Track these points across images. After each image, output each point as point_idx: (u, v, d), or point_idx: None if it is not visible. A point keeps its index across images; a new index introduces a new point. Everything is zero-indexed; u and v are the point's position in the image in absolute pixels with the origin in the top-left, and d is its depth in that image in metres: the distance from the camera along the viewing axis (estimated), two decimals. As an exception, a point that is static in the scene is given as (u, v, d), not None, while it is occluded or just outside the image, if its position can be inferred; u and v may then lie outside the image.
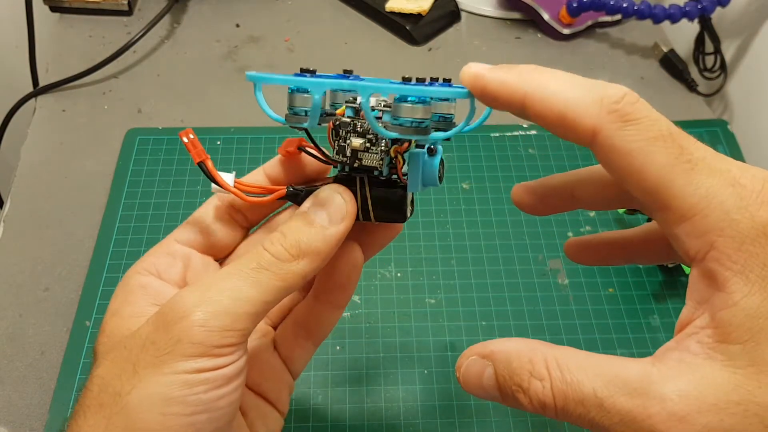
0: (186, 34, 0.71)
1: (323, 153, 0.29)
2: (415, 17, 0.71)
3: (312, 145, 0.29)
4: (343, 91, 0.28)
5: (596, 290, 0.51)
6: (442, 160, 0.28)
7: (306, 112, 0.27)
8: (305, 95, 0.27)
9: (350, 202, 0.27)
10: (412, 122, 0.25)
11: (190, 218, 0.31)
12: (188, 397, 0.24)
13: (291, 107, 0.27)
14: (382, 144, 0.27)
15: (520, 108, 0.23)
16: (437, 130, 0.26)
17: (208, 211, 0.31)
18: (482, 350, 0.24)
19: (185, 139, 0.27)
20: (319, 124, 0.27)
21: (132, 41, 0.66)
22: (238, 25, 0.72)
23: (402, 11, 0.71)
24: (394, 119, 0.25)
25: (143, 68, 0.67)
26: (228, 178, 0.28)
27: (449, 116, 0.27)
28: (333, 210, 0.27)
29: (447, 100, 0.26)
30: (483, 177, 0.58)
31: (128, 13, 0.72)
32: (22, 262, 0.52)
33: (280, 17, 0.73)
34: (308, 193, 0.28)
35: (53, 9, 0.71)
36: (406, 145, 0.27)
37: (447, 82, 0.27)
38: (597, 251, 0.32)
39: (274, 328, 0.33)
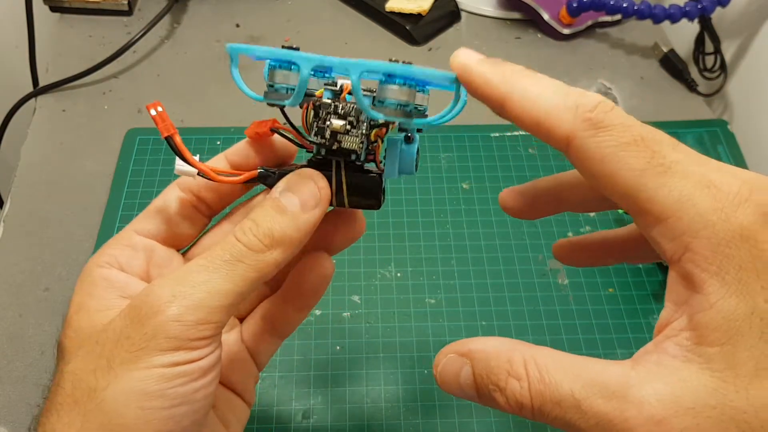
0: (186, 34, 0.71)
1: (299, 135, 0.28)
2: (415, 17, 0.71)
3: (286, 126, 0.28)
4: (331, 68, 0.27)
5: (596, 290, 0.51)
6: (418, 149, 0.28)
7: (287, 89, 0.26)
8: (287, 72, 0.26)
9: (324, 188, 0.27)
10: (397, 104, 0.25)
11: (149, 208, 0.30)
12: (166, 391, 0.24)
13: (271, 84, 0.26)
14: (363, 127, 0.26)
15: (499, 107, 0.23)
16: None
17: (168, 200, 0.30)
18: (460, 348, 0.24)
19: (153, 112, 0.26)
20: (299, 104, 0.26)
21: (132, 41, 0.66)
22: (238, 25, 0.72)
23: (402, 11, 0.71)
24: (380, 101, 0.25)
25: (143, 68, 0.67)
26: (190, 170, 0.27)
27: (422, 107, 0.26)
28: (306, 196, 0.26)
29: (423, 91, 0.26)
30: (483, 177, 0.58)
31: (128, 13, 0.72)
32: (22, 262, 0.52)
33: (280, 17, 0.73)
34: (281, 176, 0.27)
35: (53, 9, 0.71)
36: (385, 130, 0.27)
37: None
38: (585, 252, 0.32)
39: (240, 320, 0.33)
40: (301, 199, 0.26)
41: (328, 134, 0.26)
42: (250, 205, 0.31)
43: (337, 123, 0.26)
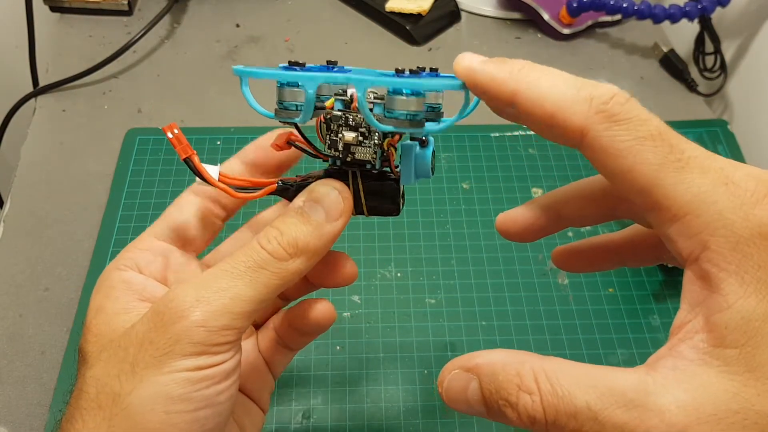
0: (186, 34, 0.71)
1: (314, 147, 0.28)
2: (415, 17, 0.71)
3: (302, 139, 0.29)
4: (335, 84, 0.27)
5: (596, 290, 0.51)
6: (434, 152, 0.28)
7: (297, 106, 0.26)
8: (295, 89, 0.26)
9: (348, 198, 0.27)
10: (406, 115, 0.24)
11: (167, 213, 0.30)
12: (191, 394, 0.24)
13: (280, 101, 0.26)
14: (375, 137, 0.26)
15: (509, 104, 0.23)
16: (427, 120, 0.26)
17: (185, 205, 0.30)
18: (466, 363, 0.23)
19: (170, 135, 0.27)
20: (317, 116, 0.26)
21: (132, 41, 0.66)
22: (238, 25, 0.72)
23: (402, 11, 0.71)
24: (388, 112, 0.25)
25: (143, 68, 0.67)
26: (212, 170, 0.28)
27: (437, 106, 0.26)
28: (330, 206, 0.26)
29: (437, 90, 0.26)
30: (483, 177, 0.58)
31: (128, 13, 0.72)
32: (22, 262, 0.52)
33: (280, 17, 0.73)
34: (299, 188, 0.28)
35: (53, 9, 0.71)
36: (398, 137, 0.27)
37: (434, 71, 0.27)
38: (584, 257, 0.31)
39: (256, 327, 0.34)
40: (326, 209, 0.26)
41: (341, 146, 0.26)
42: (263, 215, 0.32)
43: (349, 135, 0.26)
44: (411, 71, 0.25)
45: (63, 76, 0.64)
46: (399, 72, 0.25)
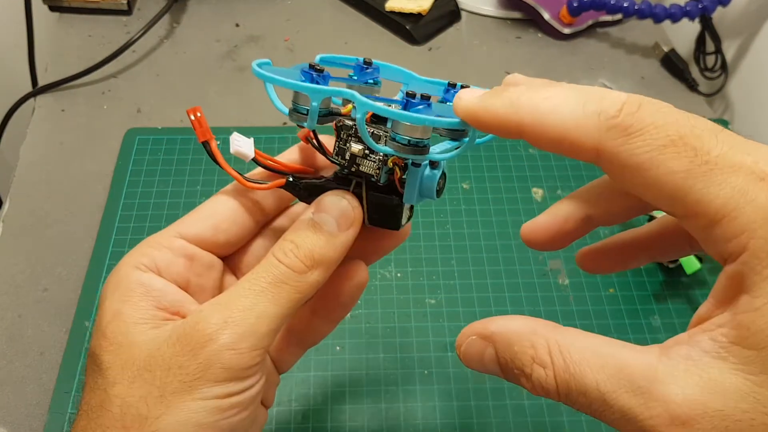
0: (185, 33, 0.71)
1: (324, 150, 0.29)
2: (415, 17, 0.71)
3: (313, 138, 0.29)
4: (341, 97, 0.26)
5: (597, 291, 0.51)
6: (444, 174, 0.27)
7: (307, 110, 0.26)
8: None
9: (357, 207, 0.27)
10: (409, 141, 0.24)
11: (199, 211, 0.29)
12: (220, 422, 0.24)
13: (294, 103, 0.27)
14: (381, 153, 0.26)
15: (517, 135, 0.22)
16: (452, 139, 0.26)
17: (218, 204, 0.29)
18: (483, 331, 0.24)
19: (192, 117, 0.27)
20: (324, 123, 0.27)
21: (131, 41, 0.65)
22: (237, 25, 0.72)
23: (402, 11, 0.71)
24: (394, 133, 0.24)
25: (143, 68, 0.67)
26: (246, 144, 0.27)
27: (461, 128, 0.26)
28: (340, 216, 0.26)
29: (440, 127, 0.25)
30: (483, 177, 0.58)
31: (127, 12, 0.72)
32: (22, 262, 0.52)
33: (280, 17, 0.73)
34: (307, 186, 0.28)
35: (52, 9, 0.71)
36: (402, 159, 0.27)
37: (465, 87, 0.26)
38: (611, 256, 0.30)
39: None
40: (336, 219, 0.26)
41: (347, 156, 0.27)
42: (277, 225, 0.31)
43: (356, 147, 0.26)
44: (423, 96, 0.24)
45: (62, 76, 0.64)
46: (410, 95, 0.24)
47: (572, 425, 0.44)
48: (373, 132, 0.26)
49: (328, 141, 0.28)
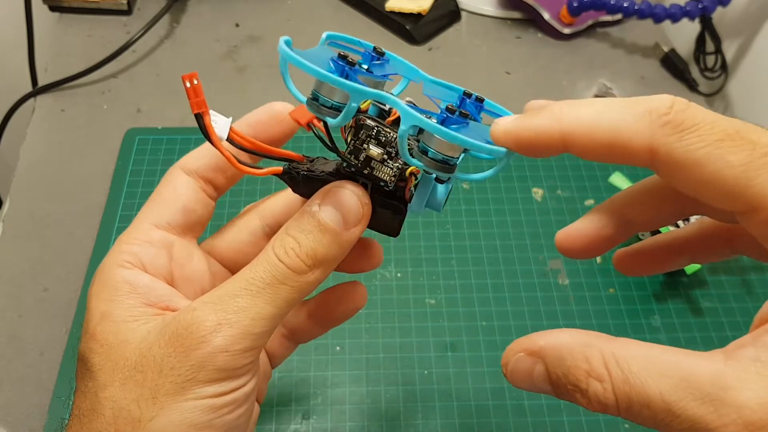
0: (185, 33, 0.71)
1: (333, 143, 0.26)
2: (415, 17, 0.71)
3: (324, 130, 0.27)
4: (380, 101, 0.24)
5: (597, 290, 0.51)
6: (450, 189, 0.27)
7: (332, 105, 0.24)
8: (334, 88, 0.24)
9: (367, 204, 0.26)
10: (443, 158, 0.23)
11: (161, 196, 0.28)
12: (214, 421, 0.24)
13: (316, 92, 0.24)
14: (400, 162, 0.25)
15: (562, 149, 0.21)
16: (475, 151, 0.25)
17: (180, 186, 0.28)
18: (530, 346, 0.22)
19: (188, 84, 0.24)
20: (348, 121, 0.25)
21: (131, 41, 0.65)
22: (237, 25, 0.72)
23: (402, 11, 0.71)
24: (425, 146, 0.23)
25: (142, 68, 0.67)
26: (223, 124, 0.25)
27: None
28: (348, 213, 0.25)
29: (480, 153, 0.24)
30: (483, 177, 0.58)
31: (127, 12, 0.72)
32: (22, 262, 0.52)
33: (280, 17, 0.73)
34: (307, 179, 0.26)
35: (52, 8, 0.71)
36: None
37: (480, 102, 0.25)
38: (650, 259, 0.29)
39: None
40: (344, 215, 0.25)
41: (362, 157, 0.25)
42: (271, 204, 0.30)
43: (375, 151, 0.25)
44: (461, 113, 0.23)
45: (62, 76, 0.64)
46: (450, 111, 0.23)
47: (572, 425, 0.44)
48: (385, 134, 0.25)
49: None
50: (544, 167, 0.58)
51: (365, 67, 0.27)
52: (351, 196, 0.25)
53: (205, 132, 0.25)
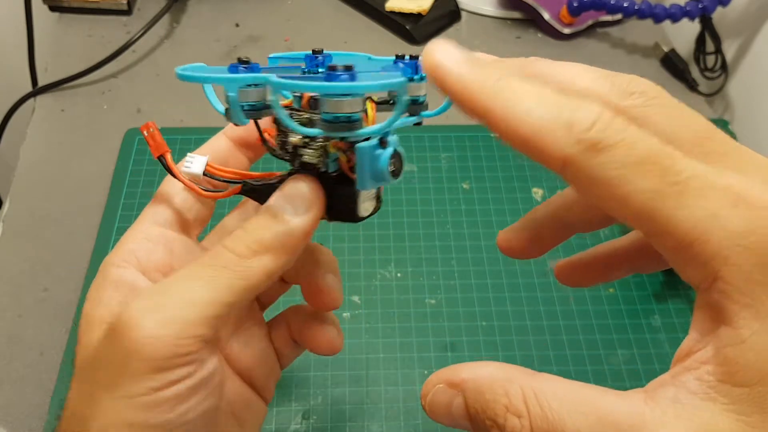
0: (185, 33, 0.71)
1: (270, 145, 0.27)
2: (415, 17, 0.71)
3: (269, 137, 0.27)
4: (264, 84, 0.24)
5: (597, 290, 0.51)
6: (398, 153, 0.24)
7: (242, 106, 0.24)
8: (248, 90, 0.24)
9: (316, 190, 0.25)
10: (335, 117, 0.22)
11: (162, 195, 0.28)
12: (150, 420, 0.22)
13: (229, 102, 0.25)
14: (320, 138, 0.24)
15: (480, 121, 0.20)
16: (411, 114, 0.25)
17: (176, 186, 0.28)
18: (451, 378, 0.21)
19: (145, 133, 0.26)
20: (260, 117, 0.24)
21: (131, 41, 0.65)
22: (237, 25, 0.72)
23: (402, 11, 0.71)
24: (321, 113, 0.22)
25: (142, 68, 0.67)
26: (200, 162, 0.27)
27: (421, 98, 0.24)
28: (297, 200, 0.24)
29: (422, 78, 0.24)
30: (483, 177, 0.58)
31: (127, 12, 0.72)
32: (22, 262, 0.52)
33: (280, 17, 0.73)
34: (268, 188, 0.26)
35: (52, 8, 0.71)
36: (341, 141, 0.24)
37: (414, 59, 0.25)
38: (590, 270, 0.29)
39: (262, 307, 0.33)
40: (290, 202, 0.25)
41: (290, 148, 0.25)
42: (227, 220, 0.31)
43: (294, 137, 0.24)
44: (399, 57, 0.23)
45: (62, 76, 0.64)
46: (332, 69, 0.22)
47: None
48: (298, 117, 0.24)
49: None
50: (545, 167, 0.58)
51: (307, 71, 0.27)
52: (297, 183, 0.25)
53: (169, 170, 0.27)
